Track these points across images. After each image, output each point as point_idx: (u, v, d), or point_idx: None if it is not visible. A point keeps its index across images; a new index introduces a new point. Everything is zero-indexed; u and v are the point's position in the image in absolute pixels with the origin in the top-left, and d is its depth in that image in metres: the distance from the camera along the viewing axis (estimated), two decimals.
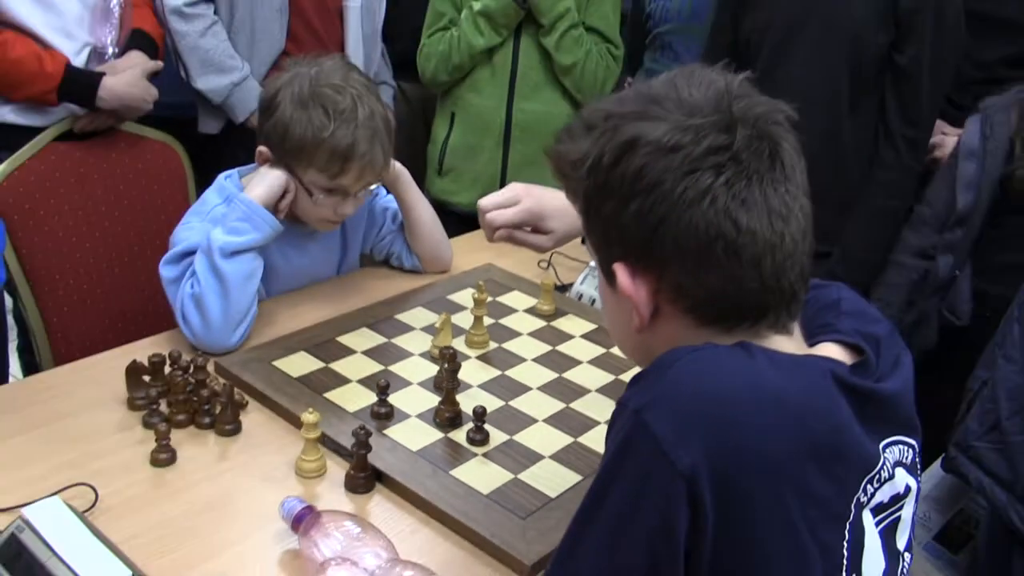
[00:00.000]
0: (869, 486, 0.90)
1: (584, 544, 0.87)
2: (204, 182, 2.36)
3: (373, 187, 1.81)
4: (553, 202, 1.58)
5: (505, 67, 2.50)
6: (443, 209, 2.55)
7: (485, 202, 1.61)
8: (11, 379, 2.23)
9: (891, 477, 0.93)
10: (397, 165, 1.86)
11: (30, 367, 2.28)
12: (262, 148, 1.72)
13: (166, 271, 1.65)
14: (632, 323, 0.93)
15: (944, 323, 1.97)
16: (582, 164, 0.93)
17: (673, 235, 0.86)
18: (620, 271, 0.91)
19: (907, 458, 0.96)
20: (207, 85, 2.32)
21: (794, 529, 0.82)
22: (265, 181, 1.67)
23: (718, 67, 0.92)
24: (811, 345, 0.97)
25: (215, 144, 2.45)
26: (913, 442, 0.97)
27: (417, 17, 2.64)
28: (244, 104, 2.36)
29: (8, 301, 2.21)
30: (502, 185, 2.50)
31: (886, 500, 0.93)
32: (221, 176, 1.80)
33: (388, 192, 1.93)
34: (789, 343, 0.93)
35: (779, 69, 2.05)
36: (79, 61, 2.05)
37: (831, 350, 0.95)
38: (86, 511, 1.21)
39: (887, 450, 0.92)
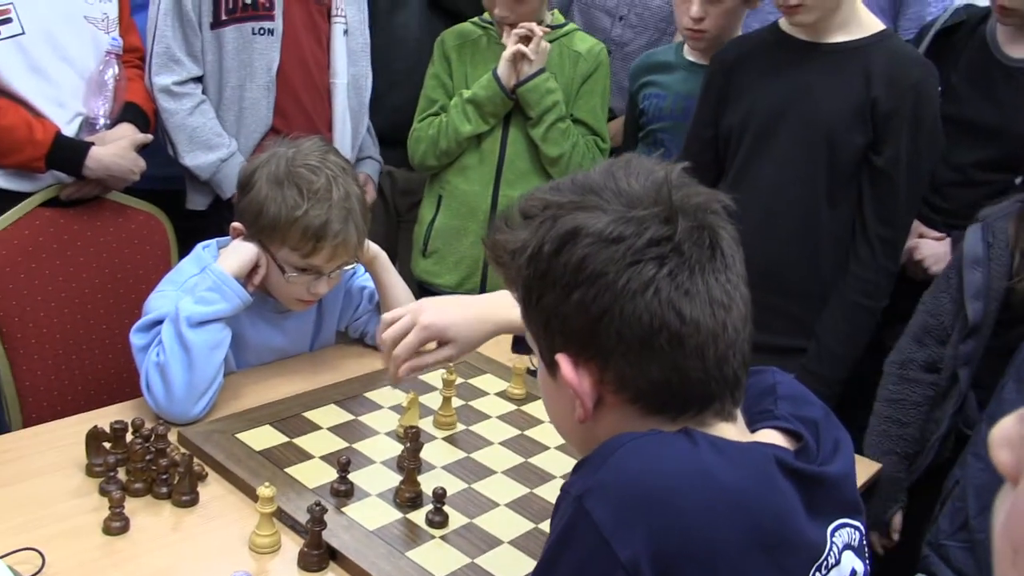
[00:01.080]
0: (817, 573, 0.89)
1: None
2: (187, 254, 2.37)
3: (349, 267, 1.82)
4: (452, 310, 1.48)
5: (493, 154, 2.54)
6: (426, 290, 2.57)
7: (388, 334, 1.47)
8: None
9: (837, 563, 0.92)
10: (374, 247, 1.87)
11: None
12: (236, 224, 1.74)
13: (136, 339, 1.65)
14: (575, 414, 0.93)
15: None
16: (521, 253, 0.93)
17: (616, 326, 0.87)
18: (563, 361, 0.91)
19: (855, 540, 0.96)
20: (194, 162, 2.34)
21: None
22: (237, 253, 1.68)
23: (653, 158, 0.95)
24: (752, 432, 0.97)
25: (202, 217, 2.47)
26: (859, 524, 0.97)
27: (397, 95, 2.71)
28: (231, 180, 2.38)
29: None
30: (485, 268, 2.53)
31: None
32: (199, 246, 1.81)
33: (366, 271, 1.94)
34: (733, 429, 0.93)
35: (755, 165, 2.08)
36: (70, 131, 2.09)
37: (772, 436, 0.96)
38: None
39: (835, 533, 0.92)
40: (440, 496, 1.39)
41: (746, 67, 2.13)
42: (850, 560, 0.94)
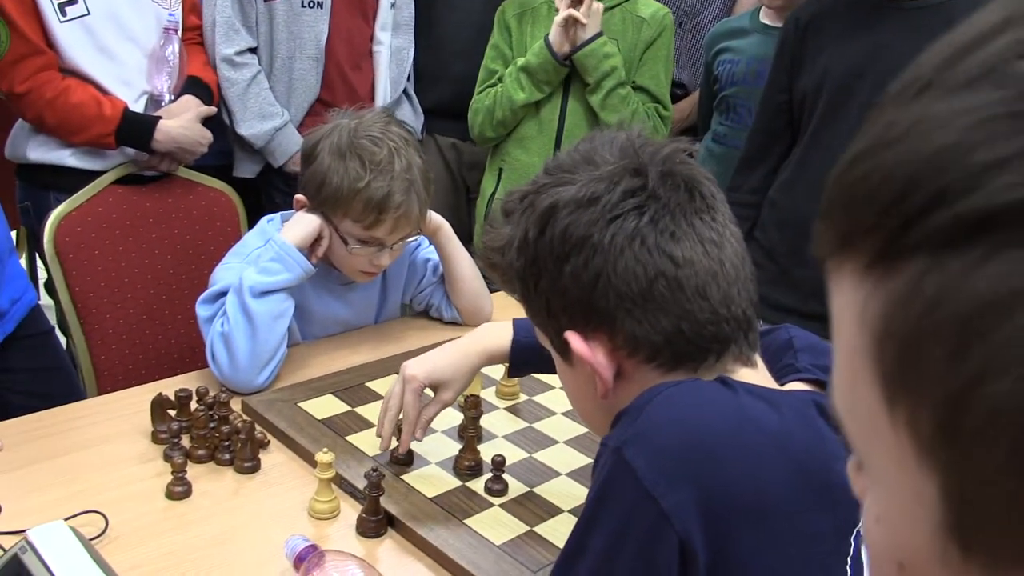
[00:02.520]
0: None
1: None
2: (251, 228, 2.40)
3: (412, 239, 1.82)
4: (432, 356, 1.42)
5: (552, 123, 2.51)
6: None
7: (387, 404, 1.40)
8: None
9: None
10: (437, 218, 1.86)
11: None
12: (299, 196, 1.74)
13: (201, 310, 1.67)
14: (596, 390, 0.91)
15: None
16: (509, 248, 0.94)
17: (613, 285, 0.86)
18: (573, 338, 0.89)
19: None
20: (250, 131, 2.39)
21: (793, 568, 0.79)
22: (300, 224, 1.69)
23: (614, 127, 0.97)
24: (780, 386, 0.94)
25: (254, 190, 2.51)
26: None
27: (460, 66, 2.70)
28: (284, 149, 2.43)
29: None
30: None
31: None
32: (264, 219, 1.83)
33: (431, 243, 1.93)
34: (757, 376, 0.90)
35: (830, 129, 2.02)
36: (137, 108, 2.13)
37: (800, 388, 0.93)
38: (94, 538, 1.21)
39: None
40: (500, 464, 1.38)
41: (822, 27, 2.06)
42: None
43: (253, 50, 2.41)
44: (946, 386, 0.35)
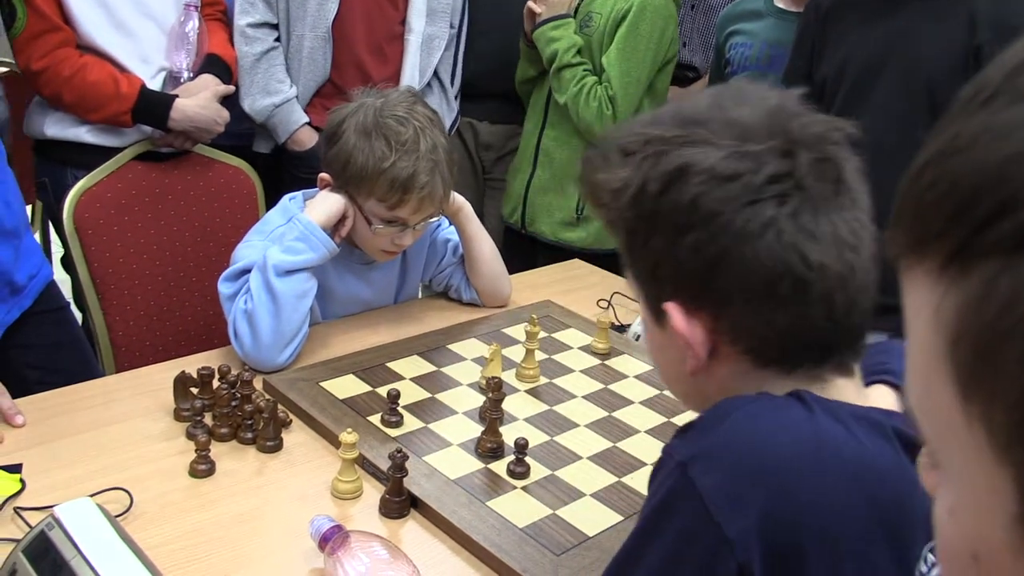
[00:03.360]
0: (930, 555, 0.82)
1: None
2: (271, 206, 2.40)
3: (434, 220, 1.81)
4: None
5: (543, 95, 2.66)
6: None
7: None
8: None
9: None
10: (459, 198, 1.86)
11: None
12: (323, 175, 1.74)
13: (224, 287, 1.67)
14: (685, 365, 0.87)
15: None
16: (623, 193, 0.85)
17: (735, 271, 0.80)
18: (673, 311, 0.84)
19: None
20: (251, 105, 2.38)
21: None
22: (325, 204, 1.68)
23: (766, 82, 0.87)
24: (867, 385, 0.91)
25: (275, 167, 2.51)
26: None
27: (480, 45, 2.70)
28: (284, 126, 2.41)
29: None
30: (525, 203, 2.68)
31: None
32: (286, 197, 1.82)
33: (451, 223, 1.93)
34: (850, 387, 0.86)
35: (853, 117, 1.99)
36: (155, 85, 2.12)
37: (886, 395, 0.90)
38: (120, 515, 1.22)
39: None
40: (522, 447, 1.38)
41: (843, 13, 2.04)
42: None
43: (274, 26, 2.39)
44: (1021, 385, 0.36)
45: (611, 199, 0.87)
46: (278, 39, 2.41)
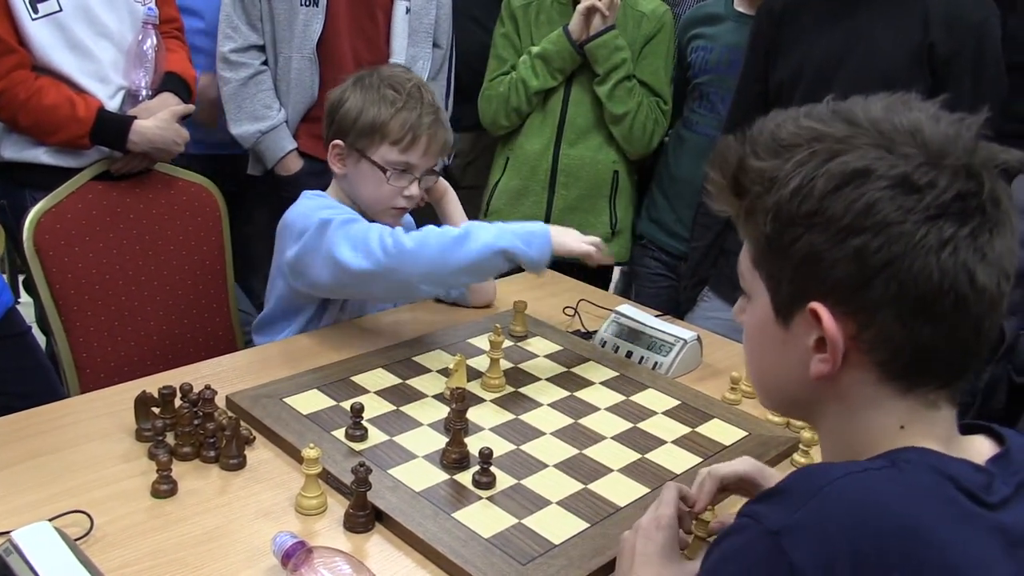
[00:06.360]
0: None
1: None
2: (243, 218, 2.40)
3: (432, 177, 1.89)
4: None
5: (555, 112, 2.58)
6: None
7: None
8: None
9: None
10: (444, 182, 1.95)
11: None
12: (336, 141, 1.82)
13: (352, 257, 1.68)
14: (803, 367, 0.86)
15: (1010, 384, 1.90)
16: (783, 185, 0.83)
17: (899, 280, 0.79)
18: (824, 314, 0.83)
19: None
20: (238, 131, 2.38)
21: None
22: (570, 235, 1.73)
23: (938, 100, 0.87)
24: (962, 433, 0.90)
25: (261, 185, 2.50)
26: None
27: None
28: (271, 152, 2.41)
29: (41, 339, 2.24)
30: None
31: None
32: (304, 194, 1.90)
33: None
34: (950, 419, 0.87)
35: None
36: (113, 104, 2.10)
37: (983, 446, 0.88)
38: (79, 539, 1.20)
39: None
40: (487, 457, 1.37)
41: (797, 15, 2.06)
42: None
43: (260, 48, 2.38)
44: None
45: (763, 188, 0.86)
46: (265, 62, 2.40)
